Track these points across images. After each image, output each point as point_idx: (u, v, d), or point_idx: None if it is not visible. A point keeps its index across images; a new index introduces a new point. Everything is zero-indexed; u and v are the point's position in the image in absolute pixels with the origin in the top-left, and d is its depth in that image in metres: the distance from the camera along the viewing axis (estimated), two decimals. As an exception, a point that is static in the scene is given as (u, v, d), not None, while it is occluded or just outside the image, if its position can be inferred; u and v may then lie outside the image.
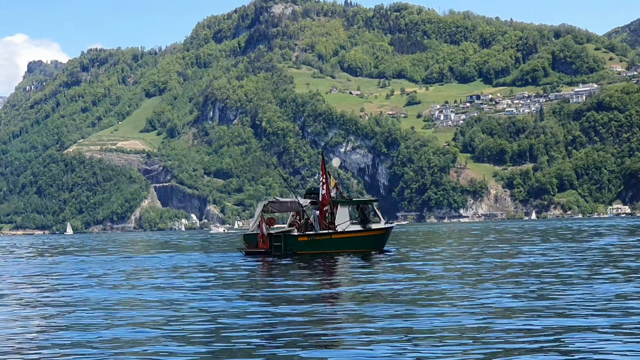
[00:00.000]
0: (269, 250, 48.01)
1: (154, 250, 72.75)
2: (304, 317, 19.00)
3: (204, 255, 55.60)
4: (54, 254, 71.85)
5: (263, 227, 48.54)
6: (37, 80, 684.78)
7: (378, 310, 19.54)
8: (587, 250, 45.25)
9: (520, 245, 55.14)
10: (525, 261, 36.98)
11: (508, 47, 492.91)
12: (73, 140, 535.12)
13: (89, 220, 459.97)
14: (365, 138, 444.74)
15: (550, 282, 25.64)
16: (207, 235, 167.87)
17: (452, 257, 43.16)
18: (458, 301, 21.11)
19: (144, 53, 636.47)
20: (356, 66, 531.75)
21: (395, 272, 32.08)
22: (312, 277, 31.81)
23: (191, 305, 22.28)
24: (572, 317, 17.67)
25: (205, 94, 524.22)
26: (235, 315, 19.74)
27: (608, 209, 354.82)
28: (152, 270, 39.78)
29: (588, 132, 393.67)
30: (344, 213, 48.11)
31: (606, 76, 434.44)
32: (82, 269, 42.68)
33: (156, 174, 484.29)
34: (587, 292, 22.21)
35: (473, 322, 17.22)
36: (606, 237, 65.56)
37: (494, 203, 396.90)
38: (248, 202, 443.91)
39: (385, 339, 15.46)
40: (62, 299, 25.42)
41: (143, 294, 25.98)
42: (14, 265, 50.41)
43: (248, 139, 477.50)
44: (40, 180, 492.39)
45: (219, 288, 27.18)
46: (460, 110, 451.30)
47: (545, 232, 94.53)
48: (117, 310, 21.39)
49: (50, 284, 32.47)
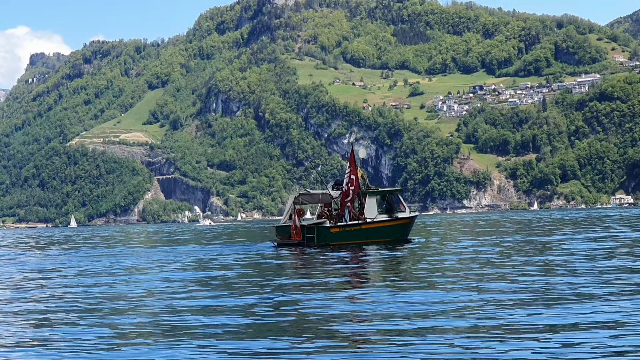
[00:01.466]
0: (302, 241, 49.05)
1: (174, 243, 72.17)
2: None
3: (234, 246, 56.44)
4: (115, 245, 71.87)
5: (296, 219, 49.40)
6: (39, 72, 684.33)
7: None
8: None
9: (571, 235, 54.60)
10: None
11: (511, 37, 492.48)
12: (76, 132, 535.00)
13: (92, 212, 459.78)
14: (369, 129, 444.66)
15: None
16: (197, 228, 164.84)
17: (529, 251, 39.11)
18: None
19: (147, 45, 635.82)
20: (359, 57, 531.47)
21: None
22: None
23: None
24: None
25: (208, 86, 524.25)
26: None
27: (611, 199, 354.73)
28: (210, 260, 40.80)
29: (591, 123, 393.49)
30: (372, 203, 49.26)
31: (608, 66, 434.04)
32: (156, 259, 43.33)
33: (159, 166, 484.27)
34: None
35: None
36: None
37: (497, 194, 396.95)
38: (251, 193, 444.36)
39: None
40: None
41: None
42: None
43: (251, 131, 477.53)
44: (43, 173, 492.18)
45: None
46: (463, 101, 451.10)
47: (577, 221, 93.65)
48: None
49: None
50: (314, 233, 49.04)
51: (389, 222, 49.60)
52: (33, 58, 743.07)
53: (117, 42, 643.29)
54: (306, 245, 48.41)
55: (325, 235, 48.74)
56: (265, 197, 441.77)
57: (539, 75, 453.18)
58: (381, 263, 35.57)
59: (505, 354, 13.39)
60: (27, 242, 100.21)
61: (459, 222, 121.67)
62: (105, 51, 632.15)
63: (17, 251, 66.05)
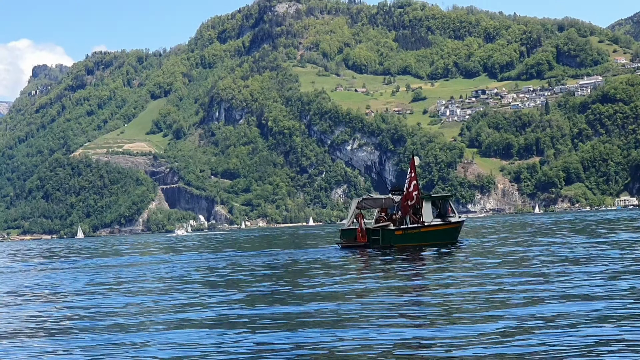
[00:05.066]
0: (367, 243, 51.79)
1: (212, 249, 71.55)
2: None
3: (301, 250, 56.80)
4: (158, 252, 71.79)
5: (362, 223, 52.36)
6: (42, 84, 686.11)
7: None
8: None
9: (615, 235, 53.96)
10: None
11: (512, 41, 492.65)
12: (79, 143, 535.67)
13: (96, 223, 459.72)
14: (372, 135, 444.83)
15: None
16: (170, 239, 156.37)
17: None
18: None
19: (149, 55, 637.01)
20: (361, 63, 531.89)
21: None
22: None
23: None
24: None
25: (211, 95, 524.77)
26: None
27: (615, 201, 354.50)
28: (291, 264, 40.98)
29: (594, 125, 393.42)
30: (428, 208, 52.08)
31: (610, 68, 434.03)
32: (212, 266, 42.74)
33: (163, 176, 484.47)
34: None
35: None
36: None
37: (501, 197, 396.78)
38: (256, 201, 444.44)
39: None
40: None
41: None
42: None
43: (254, 139, 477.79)
44: (47, 184, 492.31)
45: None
46: (466, 106, 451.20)
47: (599, 223, 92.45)
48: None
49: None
50: (379, 235, 51.74)
51: (443, 225, 52.51)
52: (35, 70, 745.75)
53: (119, 52, 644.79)
54: (371, 247, 51.20)
55: (390, 238, 51.41)
56: (269, 205, 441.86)
57: (541, 78, 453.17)
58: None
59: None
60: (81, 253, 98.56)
61: (481, 225, 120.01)
62: (108, 62, 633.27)
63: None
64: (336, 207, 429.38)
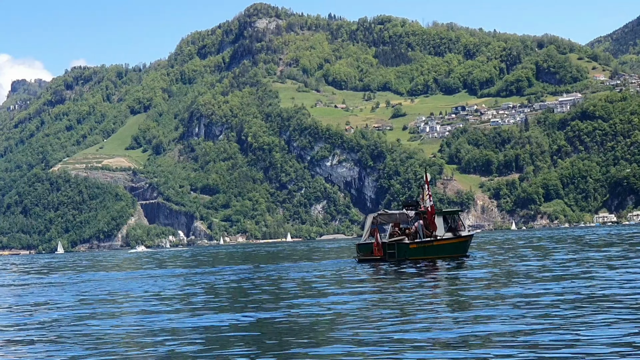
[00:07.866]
0: (383, 257, 53.69)
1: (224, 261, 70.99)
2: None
3: (317, 264, 58.64)
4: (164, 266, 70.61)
5: (378, 237, 54.42)
6: (21, 99, 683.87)
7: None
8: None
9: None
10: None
11: (492, 57, 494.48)
12: (58, 158, 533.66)
13: (75, 239, 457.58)
14: (351, 151, 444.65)
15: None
16: (133, 255, 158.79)
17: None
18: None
19: (128, 70, 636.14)
20: (341, 79, 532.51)
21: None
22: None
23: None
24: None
25: (191, 110, 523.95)
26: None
27: (594, 217, 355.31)
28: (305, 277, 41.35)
29: (573, 142, 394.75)
30: (440, 222, 54.30)
31: (590, 85, 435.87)
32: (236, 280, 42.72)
33: (142, 191, 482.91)
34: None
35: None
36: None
37: (481, 214, 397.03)
38: (235, 217, 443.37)
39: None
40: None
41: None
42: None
43: (234, 155, 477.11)
44: (26, 199, 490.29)
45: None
46: (446, 122, 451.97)
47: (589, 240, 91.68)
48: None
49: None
50: (395, 249, 53.78)
51: (454, 239, 54.53)
52: (14, 85, 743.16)
53: (98, 67, 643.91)
54: (387, 260, 53.02)
55: (405, 251, 53.52)
56: (249, 221, 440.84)
57: (521, 95, 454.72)
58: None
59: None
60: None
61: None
62: (87, 77, 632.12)
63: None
64: (315, 223, 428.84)
